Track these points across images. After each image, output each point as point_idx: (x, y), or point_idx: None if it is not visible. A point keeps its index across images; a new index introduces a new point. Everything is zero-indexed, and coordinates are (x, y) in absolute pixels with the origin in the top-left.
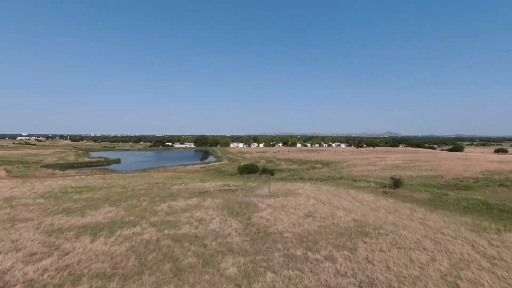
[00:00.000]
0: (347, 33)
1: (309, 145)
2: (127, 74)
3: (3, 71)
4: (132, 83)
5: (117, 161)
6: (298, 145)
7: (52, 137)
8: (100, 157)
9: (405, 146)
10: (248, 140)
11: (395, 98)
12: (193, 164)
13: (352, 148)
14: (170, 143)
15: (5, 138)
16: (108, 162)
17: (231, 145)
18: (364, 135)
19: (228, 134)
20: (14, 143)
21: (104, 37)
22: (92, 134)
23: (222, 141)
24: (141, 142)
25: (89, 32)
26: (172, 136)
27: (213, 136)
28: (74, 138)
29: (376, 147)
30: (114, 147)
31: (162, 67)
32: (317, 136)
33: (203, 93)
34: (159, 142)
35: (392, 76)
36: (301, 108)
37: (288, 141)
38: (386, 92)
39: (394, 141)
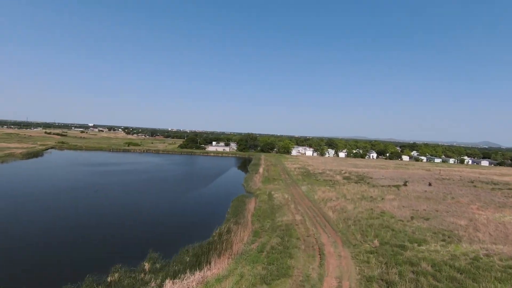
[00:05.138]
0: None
1: (424, 159)
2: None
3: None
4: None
5: None
6: (405, 157)
7: (116, 128)
8: None
9: None
10: (319, 144)
11: (493, 101)
12: None
13: None
14: (215, 142)
15: (71, 128)
16: None
17: (294, 152)
18: (455, 144)
19: (296, 135)
20: (46, 132)
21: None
22: (169, 129)
23: (280, 145)
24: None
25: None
26: (227, 134)
27: (276, 136)
28: (129, 131)
29: None
30: (141, 144)
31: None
32: (426, 144)
33: (270, 89)
34: (189, 141)
35: (492, 74)
36: (369, 110)
37: (385, 150)
38: (480, 93)
39: None
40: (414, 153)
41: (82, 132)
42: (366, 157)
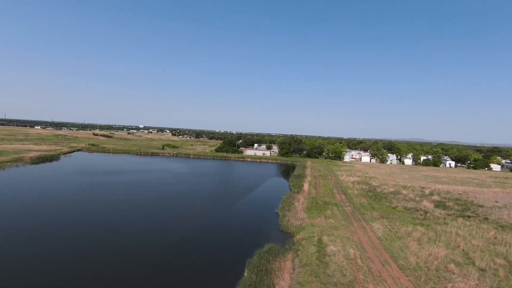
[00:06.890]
0: None
1: None
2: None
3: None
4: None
5: None
6: (495, 166)
7: (165, 129)
8: None
9: None
10: (377, 147)
11: None
12: None
13: None
14: (257, 144)
15: (123, 129)
16: None
17: (346, 158)
18: None
19: (345, 137)
20: (94, 133)
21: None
22: (217, 130)
23: (330, 149)
24: (240, 141)
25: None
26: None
27: (324, 139)
28: (175, 132)
29: None
30: (180, 146)
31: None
32: None
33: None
34: (226, 144)
35: None
36: (425, 109)
37: (465, 156)
38: None
39: None
40: (501, 159)
41: (128, 134)
42: (441, 165)
